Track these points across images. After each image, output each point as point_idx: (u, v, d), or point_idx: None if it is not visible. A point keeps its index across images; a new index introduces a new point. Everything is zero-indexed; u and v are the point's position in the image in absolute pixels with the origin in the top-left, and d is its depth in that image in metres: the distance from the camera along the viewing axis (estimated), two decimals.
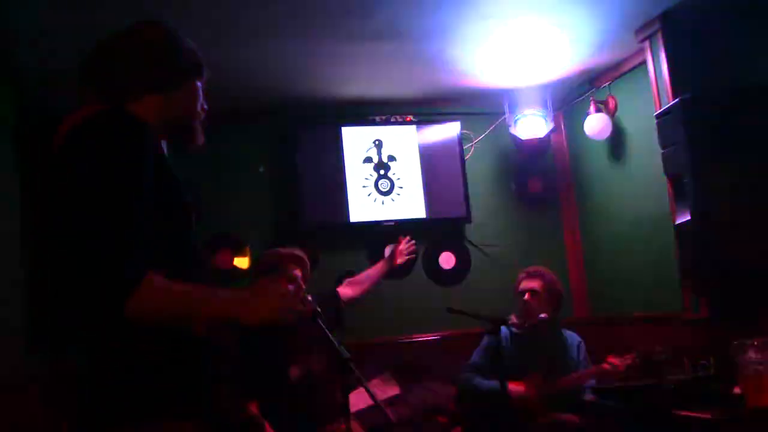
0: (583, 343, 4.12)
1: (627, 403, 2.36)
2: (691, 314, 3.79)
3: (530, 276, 4.11)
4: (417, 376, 4.61)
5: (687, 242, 2.97)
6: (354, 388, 3.41)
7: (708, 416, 1.99)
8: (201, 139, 1.87)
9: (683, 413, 2.07)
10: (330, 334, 3.00)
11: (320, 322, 3.15)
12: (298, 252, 3.67)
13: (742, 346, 2.13)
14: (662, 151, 3.20)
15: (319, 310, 3.30)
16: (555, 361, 4.00)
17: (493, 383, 3.87)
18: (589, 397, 3.81)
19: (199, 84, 1.84)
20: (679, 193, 3.06)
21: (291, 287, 1.72)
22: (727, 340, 2.72)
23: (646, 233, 4.35)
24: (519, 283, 4.12)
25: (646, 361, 3.62)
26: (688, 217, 2.95)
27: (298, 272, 3.55)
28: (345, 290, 4.03)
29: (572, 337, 4.15)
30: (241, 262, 4.68)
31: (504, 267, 4.99)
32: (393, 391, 4.46)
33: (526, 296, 4.05)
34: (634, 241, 4.50)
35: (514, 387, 3.73)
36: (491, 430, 3.88)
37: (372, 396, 2.79)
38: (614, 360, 3.69)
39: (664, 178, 4.02)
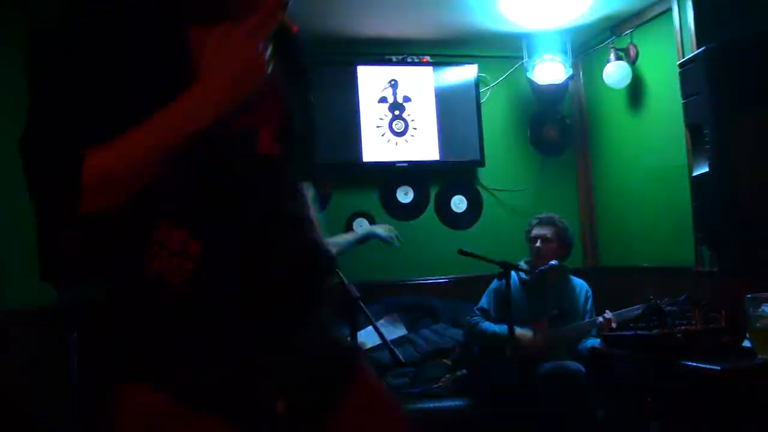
0: (591, 293, 4.13)
1: (635, 351, 2.36)
2: (702, 267, 3.80)
3: (542, 223, 4.10)
4: (424, 318, 4.64)
5: (703, 194, 2.94)
6: (362, 327, 3.44)
7: (718, 368, 1.99)
8: None
9: (693, 364, 2.07)
10: (339, 272, 3.01)
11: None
12: None
13: (756, 300, 2.12)
14: (683, 100, 3.15)
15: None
16: (562, 308, 4.02)
17: (500, 327, 3.91)
18: (596, 344, 3.84)
19: None
20: (698, 144, 3.01)
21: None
22: (737, 294, 2.72)
23: (662, 185, 4.32)
24: (531, 230, 4.11)
25: (653, 311, 3.65)
26: (706, 169, 2.91)
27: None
28: None
29: (581, 285, 4.16)
30: None
31: (515, 213, 5.01)
32: (400, 331, 4.51)
33: (538, 243, 4.05)
34: (649, 193, 4.48)
35: (521, 332, 3.76)
36: (496, 373, 3.92)
37: (381, 335, 2.80)
38: (609, 314, 3.73)
39: (683, 130, 3.98)
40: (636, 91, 4.55)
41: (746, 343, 2.25)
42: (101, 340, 1.24)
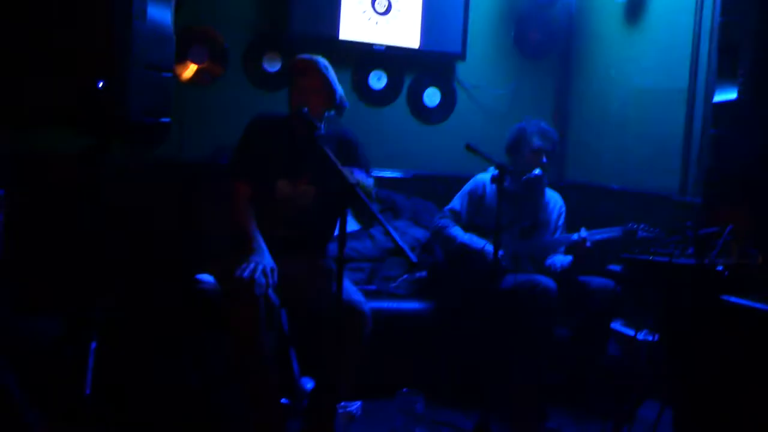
0: (564, 209, 4.00)
1: (668, 282, 2.23)
2: (686, 197, 3.71)
3: (546, 136, 3.85)
4: (385, 213, 4.44)
5: (728, 122, 2.78)
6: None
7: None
8: None
9: (742, 301, 1.95)
10: (334, 158, 2.74)
11: (321, 144, 2.89)
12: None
13: None
14: (720, 19, 2.95)
15: (320, 130, 3.03)
16: (534, 220, 3.88)
17: (469, 237, 3.74)
18: (566, 262, 3.74)
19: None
20: (727, 68, 2.83)
21: None
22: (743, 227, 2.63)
23: (651, 108, 4.15)
24: (532, 139, 3.83)
25: (629, 237, 3.55)
26: (734, 96, 2.74)
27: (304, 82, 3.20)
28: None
29: (555, 199, 4.01)
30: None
31: (488, 114, 4.82)
32: (358, 224, 4.30)
33: (544, 158, 3.83)
34: (633, 114, 4.31)
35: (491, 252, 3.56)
36: (459, 280, 3.79)
37: (385, 225, 2.58)
38: (585, 233, 3.61)
39: (686, 49, 3.82)
40: (636, 3, 4.31)
41: None
42: None
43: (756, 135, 2.63)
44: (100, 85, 2.09)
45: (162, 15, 2.33)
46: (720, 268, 2.11)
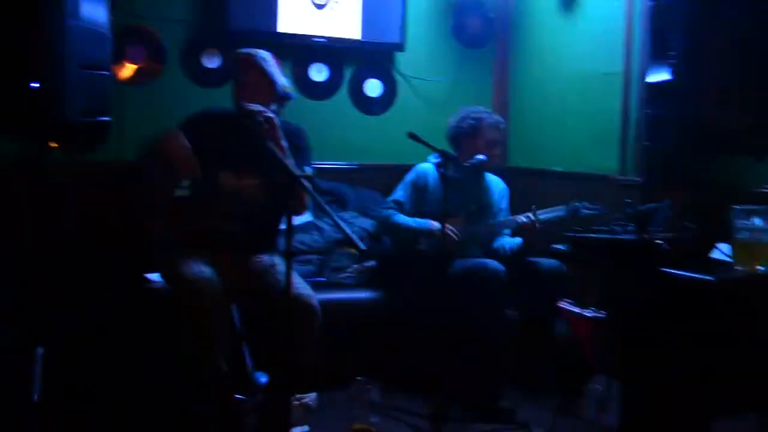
0: (507, 191, 4.06)
1: (611, 257, 2.29)
2: (627, 177, 3.80)
3: (499, 128, 3.91)
4: (331, 205, 4.45)
5: (660, 103, 2.86)
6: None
7: (712, 278, 1.94)
8: None
9: (681, 273, 2.01)
10: (279, 151, 2.75)
11: (263, 135, 2.89)
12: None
13: (745, 212, 2.07)
14: (650, 2, 3.02)
15: (269, 120, 3.02)
16: (479, 205, 3.93)
17: (415, 221, 3.78)
18: (515, 243, 3.80)
19: None
20: (659, 50, 2.91)
21: None
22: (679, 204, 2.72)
23: (588, 91, 4.24)
24: (487, 131, 3.87)
25: (573, 215, 3.62)
26: (668, 77, 2.82)
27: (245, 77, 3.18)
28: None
29: (497, 183, 4.07)
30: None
31: (429, 103, 4.87)
32: (305, 217, 4.29)
33: (497, 150, 3.89)
34: (571, 97, 4.39)
35: (438, 227, 3.58)
36: (408, 267, 3.82)
37: (331, 214, 2.59)
38: (534, 213, 3.66)
39: (620, 33, 3.90)
40: None
41: (713, 254, 2.22)
42: None
43: (688, 113, 2.71)
44: (35, 86, 2.06)
45: (97, 13, 2.30)
46: (659, 241, 2.18)
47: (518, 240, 3.80)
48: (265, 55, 3.24)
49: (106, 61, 2.40)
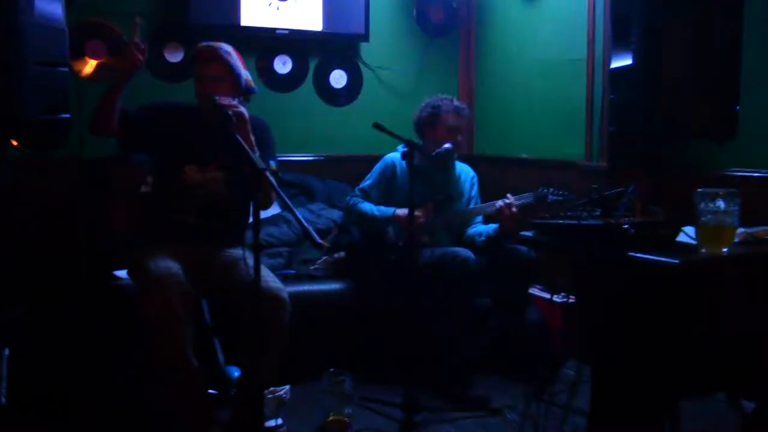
0: (476, 179, 4.07)
1: (577, 243, 2.30)
2: (591, 162, 3.84)
3: (461, 114, 3.90)
4: (299, 197, 4.43)
5: (624, 88, 2.87)
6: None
7: (676, 261, 1.96)
8: None
9: (647, 256, 2.03)
10: (243, 143, 2.72)
11: (231, 129, 2.86)
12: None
13: (709, 194, 2.09)
14: None
15: (231, 113, 2.98)
16: (448, 193, 3.93)
17: (379, 209, 3.77)
18: (488, 230, 3.81)
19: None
20: (621, 37, 2.92)
21: None
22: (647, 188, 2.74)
23: (553, 78, 4.26)
24: (447, 117, 3.85)
25: (540, 201, 3.63)
26: (629, 62, 2.83)
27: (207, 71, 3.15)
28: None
29: (466, 171, 4.08)
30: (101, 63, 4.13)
31: (395, 93, 4.87)
32: (273, 209, 4.27)
33: (459, 136, 3.88)
34: (536, 85, 4.41)
35: (404, 212, 3.58)
36: (377, 257, 3.82)
37: (291, 207, 2.57)
38: (510, 198, 3.66)
39: (583, 20, 3.93)
40: None
41: (679, 237, 2.24)
42: None
43: (650, 97, 2.73)
44: None
45: (51, 8, 2.25)
46: (626, 226, 2.19)
47: (494, 226, 3.80)
48: (228, 48, 3.21)
49: (63, 57, 2.34)
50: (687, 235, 2.25)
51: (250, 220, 2.99)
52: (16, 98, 2.11)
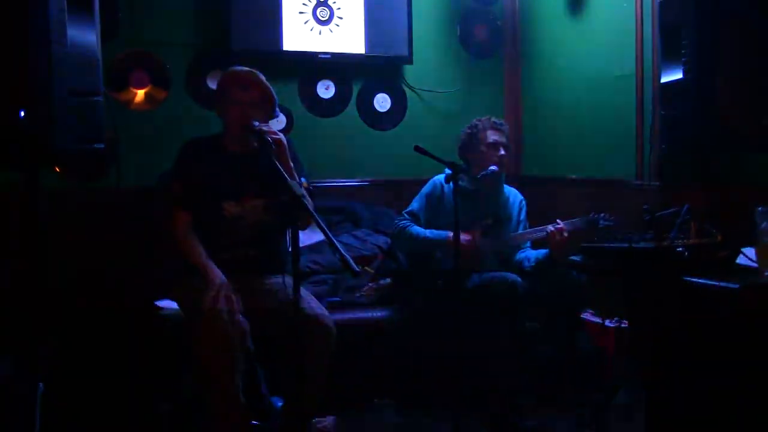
0: (524, 203, 3.97)
1: (629, 267, 2.19)
2: (645, 181, 3.70)
3: (499, 129, 3.83)
4: (344, 223, 4.38)
5: (675, 103, 2.76)
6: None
7: (736, 286, 1.83)
8: None
9: (703, 281, 1.91)
10: (282, 170, 2.68)
11: (270, 155, 2.82)
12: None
13: None
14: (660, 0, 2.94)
15: (271, 139, 2.94)
16: (496, 217, 3.84)
17: (431, 232, 3.70)
18: (539, 255, 3.70)
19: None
20: (671, 49, 2.81)
21: None
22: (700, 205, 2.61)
23: (601, 96, 4.13)
24: (485, 134, 3.79)
25: (591, 227, 3.52)
26: (680, 75, 2.72)
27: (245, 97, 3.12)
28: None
29: (514, 194, 3.98)
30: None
31: (440, 115, 4.79)
32: (318, 236, 4.22)
33: (501, 150, 3.80)
34: (584, 103, 4.29)
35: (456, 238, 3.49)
36: (424, 283, 3.74)
37: (327, 234, 2.51)
38: (561, 223, 3.56)
39: (630, 34, 3.81)
40: None
41: (739, 260, 2.11)
42: None
43: (703, 112, 2.61)
44: (22, 114, 2.00)
45: (85, 38, 2.24)
46: (680, 249, 2.07)
47: (543, 251, 3.69)
48: (260, 74, 3.20)
49: (96, 86, 2.33)
50: (747, 257, 2.12)
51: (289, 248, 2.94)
52: (50, 128, 2.10)
